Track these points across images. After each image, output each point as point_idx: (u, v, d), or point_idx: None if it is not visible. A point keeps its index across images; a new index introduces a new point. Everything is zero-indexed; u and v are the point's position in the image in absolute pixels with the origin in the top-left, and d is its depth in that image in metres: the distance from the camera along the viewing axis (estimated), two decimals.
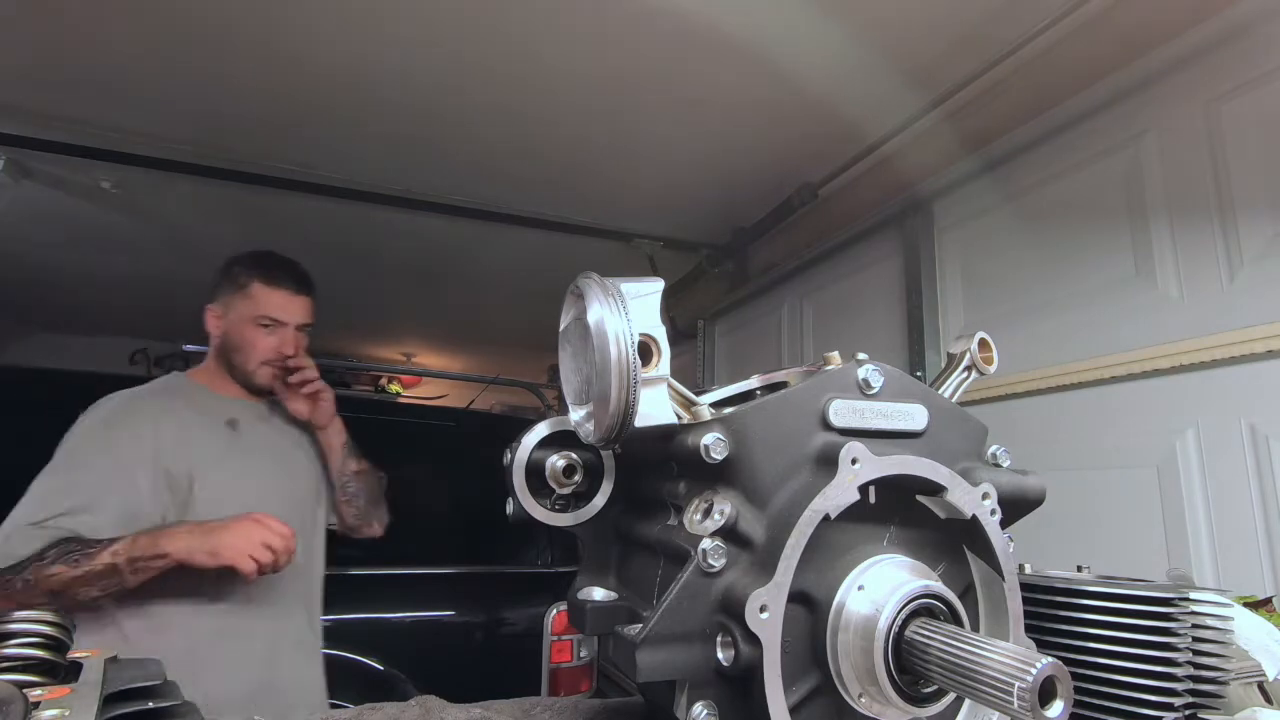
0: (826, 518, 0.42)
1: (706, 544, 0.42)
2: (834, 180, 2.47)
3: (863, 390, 0.47)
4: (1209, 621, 0.53)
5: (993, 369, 0.61)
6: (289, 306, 1.44)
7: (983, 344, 0.61)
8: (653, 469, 0.53)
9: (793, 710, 0.41)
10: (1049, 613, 0.56)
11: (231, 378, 1.45)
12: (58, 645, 0.48)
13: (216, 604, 1.25)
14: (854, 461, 0.42)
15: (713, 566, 0.42)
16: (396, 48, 1.86)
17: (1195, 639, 0.52)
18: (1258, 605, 0.82)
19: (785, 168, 2.43)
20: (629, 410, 0.44)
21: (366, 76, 1.97)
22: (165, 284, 3.68)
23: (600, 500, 0.58)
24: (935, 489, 0.45)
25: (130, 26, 1.77)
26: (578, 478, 0.58)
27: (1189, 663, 0.51)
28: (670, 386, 0.48)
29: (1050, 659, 0.34)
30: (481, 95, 2.05)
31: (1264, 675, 0.59)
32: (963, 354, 0.60)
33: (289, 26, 1.78)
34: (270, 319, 1.42)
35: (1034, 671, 0.33)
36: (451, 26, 1.77)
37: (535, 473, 0.58)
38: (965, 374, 0.60)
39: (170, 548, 1.12)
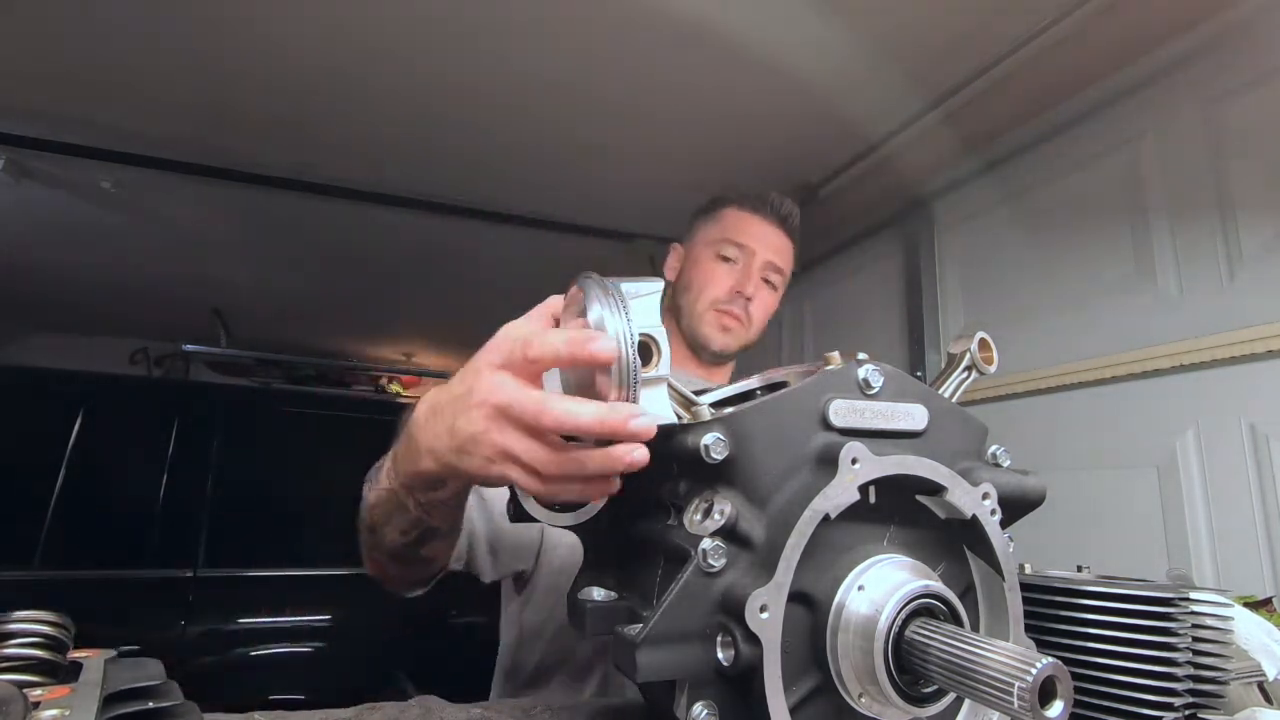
0: (826, 518, 0.42)
1: (706, 544, 0.42)
2: (834, 180, 2.47)
3: (863, 390, 0.47)
4: (1209, 621, 0.53)
5: (993, 369, 0.61)
6: (761, 234, 1.14)
7: (983, 344, 0.61)
8: (653, 469, 0.53)
9: (793, 710, 0.40)
10: (1049, 613, 0.56)
11: (682, 342, 1.15)
12: (58, 645, 0.48)
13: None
14: (854, 461, 0.42)
15: (713, 566, 0.42)
16: (397, 47, 1.86)
17: (1195, 639, 0.52)
18: (1258, 605, 0.82)
19: (785, 168, 2.42)
20: None
21: (367, 76, 1.97)
22: (165, 284, 3.67)
23: (600, 500, 0.58)
24: (935, 489, 0.45)
25: (130, 25, 1.77)
26: None
27: (1189, 663, 0.51)
28: (670, 386, 0.48)
29: (1050, 659, 0.34)
30: (482, 95, 2.05)
31: (1264, 675, 0.59)
32: (963, 354, 0.60)
33: (290, 26, 1.77)
34: (735, 243, 1.12)
35: (1034, 671, 0.33)
36: (453, 25, 1.77)
37: None
38: (965, 374, 0.60)
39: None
